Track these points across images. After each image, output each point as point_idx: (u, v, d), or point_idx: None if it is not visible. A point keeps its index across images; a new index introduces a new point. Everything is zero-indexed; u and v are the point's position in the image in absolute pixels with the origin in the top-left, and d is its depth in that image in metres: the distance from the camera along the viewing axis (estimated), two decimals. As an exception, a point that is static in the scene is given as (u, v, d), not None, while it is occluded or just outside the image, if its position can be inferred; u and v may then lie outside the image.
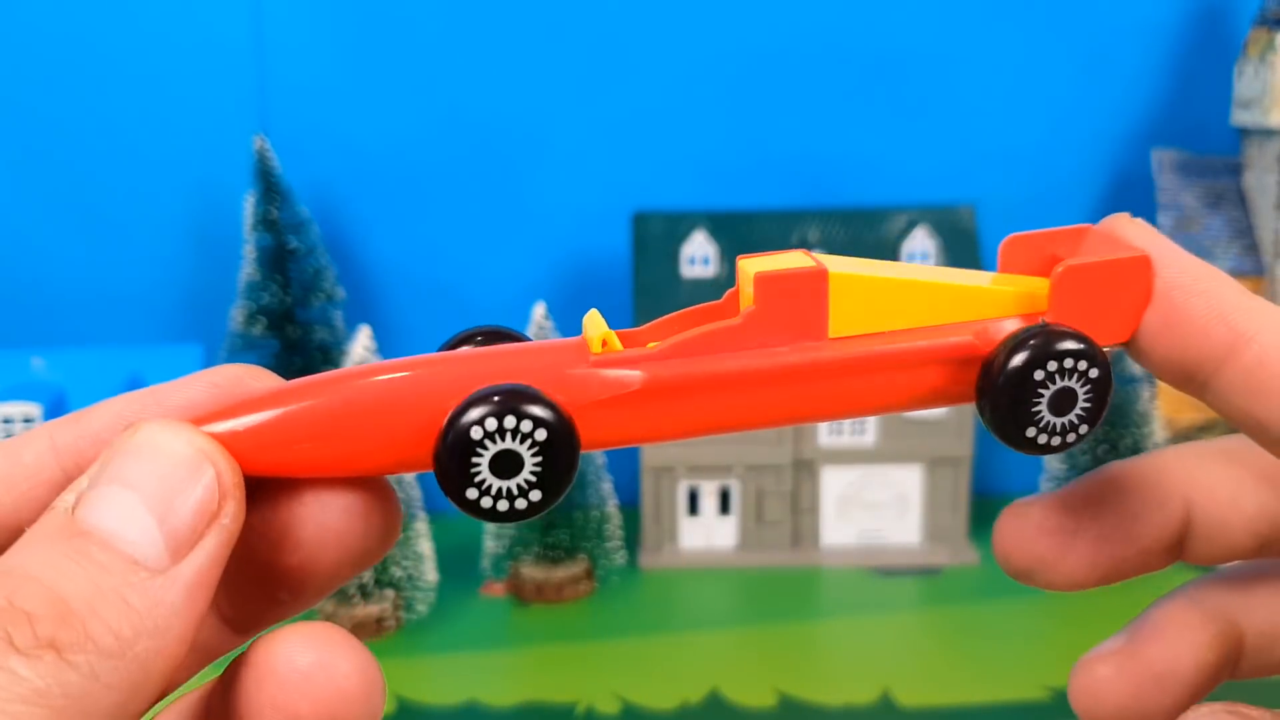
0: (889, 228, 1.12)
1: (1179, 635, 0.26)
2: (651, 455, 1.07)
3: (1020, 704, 0.84)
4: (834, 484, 1.13)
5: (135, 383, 1.05)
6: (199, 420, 0.20)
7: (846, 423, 1.16)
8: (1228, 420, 0.23)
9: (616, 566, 1.03)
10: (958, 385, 0.23)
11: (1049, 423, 0.22)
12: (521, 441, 0.20)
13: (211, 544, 0.18)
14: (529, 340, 0.25)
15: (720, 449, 1.08)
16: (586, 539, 1.01)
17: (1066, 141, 1.17)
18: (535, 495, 0.21)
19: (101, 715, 0.17)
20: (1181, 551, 0.26)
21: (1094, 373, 0.22)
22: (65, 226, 1.14)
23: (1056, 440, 0.23)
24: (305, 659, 0.20)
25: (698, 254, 1.11)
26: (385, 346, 1.02)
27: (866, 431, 1.14)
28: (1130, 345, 0.24)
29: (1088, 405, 0.23)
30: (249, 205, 1.06)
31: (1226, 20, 1.16)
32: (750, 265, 0.23)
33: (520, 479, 0.21)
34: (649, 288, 1.10)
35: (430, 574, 0.97)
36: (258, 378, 0.22)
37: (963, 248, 1.12)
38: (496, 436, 0.20)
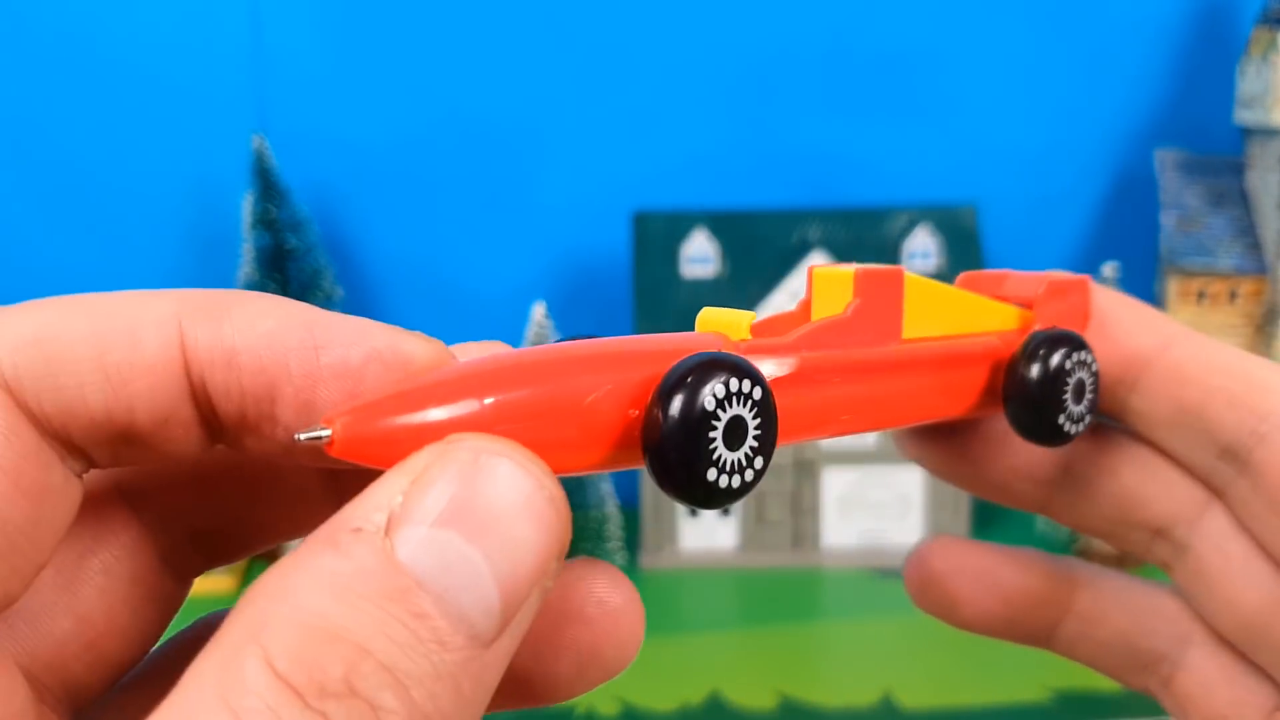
0: (890, 227, 1.12)
1: (1026, 558, 0.31)
2: (651, 455, 1.07)
3: (1022, 705, 0.84)
4: (835, 485, 1.13)
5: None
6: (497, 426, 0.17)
7: (847, 423, 1.15)
8: (1150, 418, 0.27)
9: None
10: (988, 389, 0.27)
11: (1072, 411, 0.26)
12: (746, 405, 0.19)
13: (532, 608, 0.15)
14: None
15: (720, 449, 1.08)
16: (586, 539, 1.01)
17: (1068, 141, 1.17)
18: (759, 463, 0.20)
19: None
20: None
21: (1092, 361, 0.27)
22: (62, 226, 1.14)
23: (1077, 429, 0.27)
24: (615, 599, 0.19)
25: (698, 254, 1.10)
26: (384, 346, 1.02)
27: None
28: None
29: (1092, 397, 0.26)
30: (247, 204, 1.06)
31: (1229, 19, 1.16)
32: (829, 270, 0.25)
33: (745, 448, 0.19)
34: (649, 287, 1.10)
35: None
36: (435, 361, 0.18)
37: (964, 248, 1.12)
38: (727, 403, 0.19)
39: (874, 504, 1.14)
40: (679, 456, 0.18)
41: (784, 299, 1.10)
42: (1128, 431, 0.29)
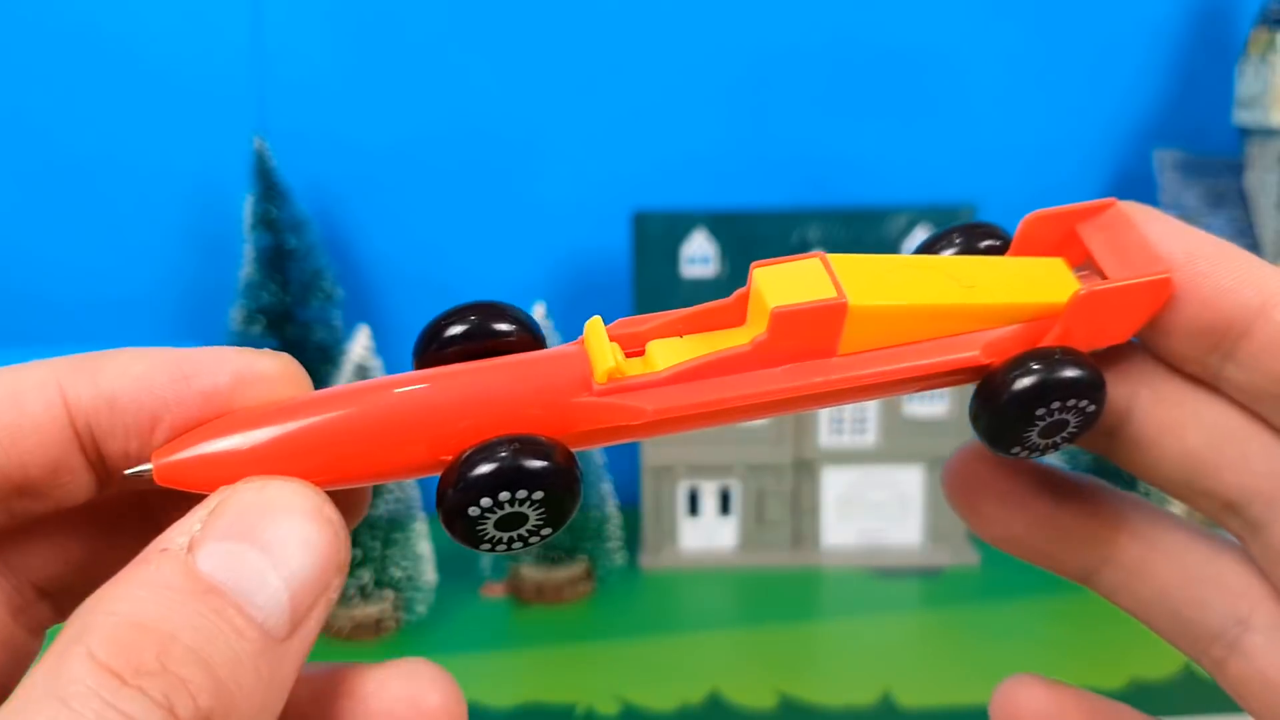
0: (889, 228, 1.12)
1: None
2: (651, 455, 1.07)
3: (1021, 705, 0.84)
4: (834, 484, 1.13)
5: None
6: (290, 459, 0.20)
7: (848, 423, 1.16)
8: (1250, 391, 0.23)
9: (616, 567, 1.03)
10: (962, 381, 0.24)
11: (1035, 444, 0.23)
12: (522, 505, 0.20)
13: (319, 617, 0.18)
14: (525, 322, 0.25)
15: (721, 449, 1.08)
16: (586, 539, 1.01)
17: (1067, 141, 1.17)
18: (546, 531, 0.21)
19: None
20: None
21: (1090, 408, 0.22)
22: (63, 227, 1.14)
23: (1034, 456, 0.23)
24: (432, 700, 0.20)
25: (698, 253, 1.11)
26: (384, 346, 1.02)
27: (867, 432, 1.14)
28: (1141, 331, 0.24)
29: (1074, 431, 0.23)
30: (248, 205, 1.06)
31: (1228, 20, 1.16)
32: (765, 280, 0.22)
33: (526, 527, 0.21)
34: (649, 287, 1.10)
35: (429, 575, 0.97)
36: (296, 380, 0.21)
37: (963, 247, 1.11)
38: (495, 508, 0.20)
39: (874, 504, 1.14)
40: (457, 534, 0.21)
41: (784, 299, 1.10)
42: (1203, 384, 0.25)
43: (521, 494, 0.20)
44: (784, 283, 0.22)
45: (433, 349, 0.23)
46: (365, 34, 1.12)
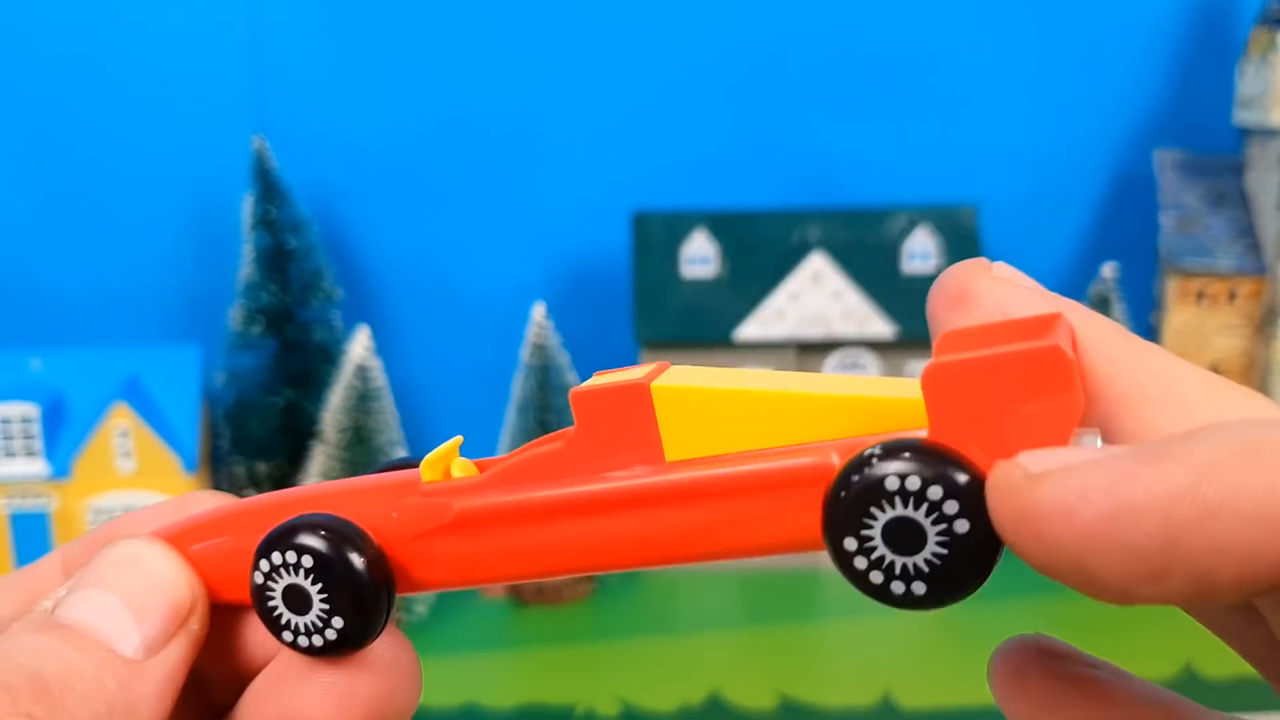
0: (890, 228, 1.12)
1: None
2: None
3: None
4: (834, 485, 1.13)
5: (133, 383, 1.04)
6: (165, 533, 0.22)
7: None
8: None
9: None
10: (809, 511, 0.18)
11: (884, 557, 0.17)
12: (296, 574, 0.20)
13: (182, 645, 0.20)
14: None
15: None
16: (586, 540, 1.01)
17: (1068, 141, 1.17)
18: (338, 624, 0.20)
19: None
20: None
21: (952, 510, 0.17)
22: (64, 226, 1.14)
23: (898, 586, 0.17)
24: (386, 656, 0.21)
25: (698, 254, 1.10)
26: (384, 346, 1.02)
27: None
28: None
29: (945, 551, 0.17)
30: (247, 205, 1.06)
31: (1228, 20, 1.16)
32: (581, 387, 0.20)
33: (315, 615, 0.20)
34: (649, 287, 1.10)
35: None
36: (218, 498, 0.24)
37: (964, 248, 1.12)
38: (276, 574, 0.21)
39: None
40: (261, 617, 0.21)
41: (783, 299, 1.10)
42: None
43: (291, 556, 0.20)
44: (608, 380, 0.20)
45: None
46: (364, 35, 1.12)
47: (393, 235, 1.16)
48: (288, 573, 0.20)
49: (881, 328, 1.09)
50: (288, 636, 0.21)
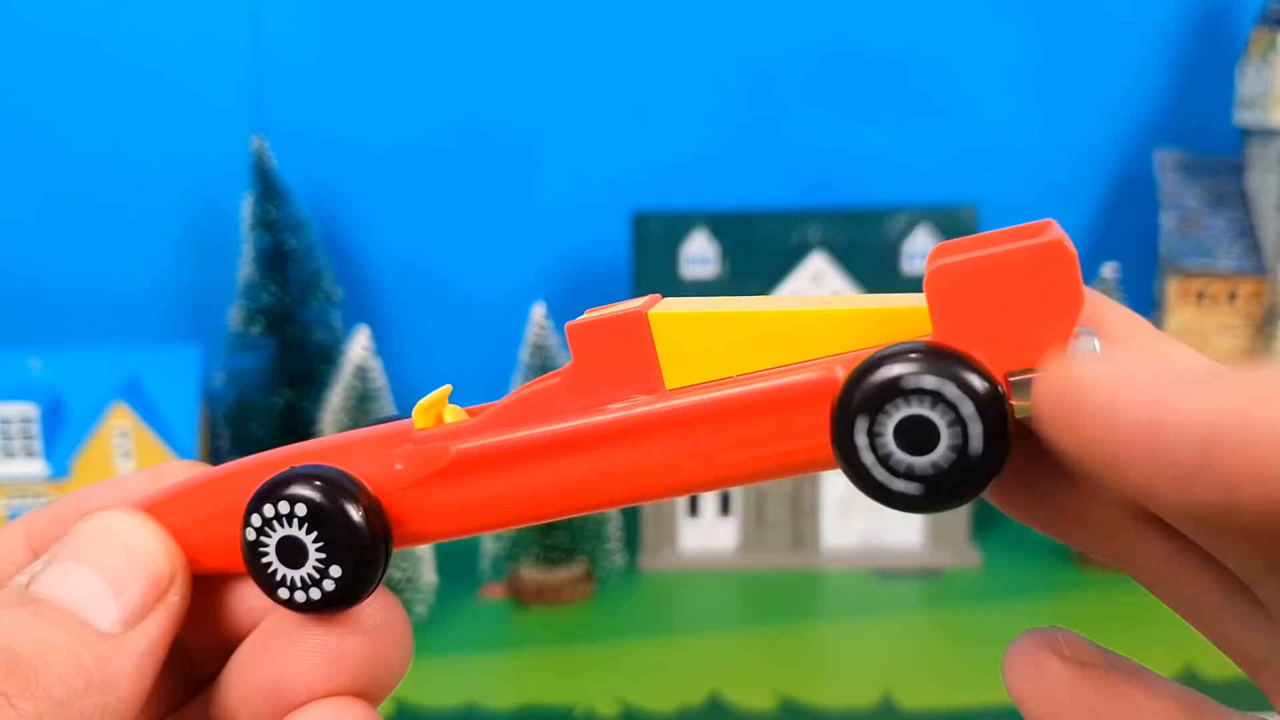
0: (890, 228, 1.12)
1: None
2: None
3: (1022, 706, 0.84)
4: (835, 486, 1.13)
5: (132, 383, 1.05)
6: (140, 504, 0.22)
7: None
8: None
9: (616, 568, 1.02)
10: (818, 434, 0.18)
11: (893, 458, 0.17)
12: (291, 525, 0.20)
13: (161, 618, 0.20)
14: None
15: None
16: (586, 540, 1.01)
17: (1068, 141, 1.17)
18: (335, 574, 0.20)
19: None
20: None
21: (966, 409, 0.17)
22: (63, 226, 1.14)
23: (900, 485, 0.17)
24: (376, 617, 0.21)
25: (698, 254, 1.10)
26: (384, 347, 1.02)
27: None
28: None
29: (957, 449, 0.17)
30: (247, 205, 1.06)
31: (1228, 20, 1.16)
32: (577, 321, 0.20)
33: (311, 566, 0.20)
34: (649, 288, 1.09)
35: (429, 575, 0.97)
36: (191, 467, 0.23)
37: (964, 248, 1.12)
38: (270, 527, 0.20)
39: (873, 505, 1.14)
40: (253, 576, 0.20)
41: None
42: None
43: (284, 508, 0.20)
44: (597, 313, 0.20)
45: None
46: (364, 35, 1.12)
47: (392, 235, 1.16)
48: (282, 524, 0.20)
49: (881, 328, 1.09)
50: (283, 594, 0.20)
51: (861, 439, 0.17)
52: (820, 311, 0.19)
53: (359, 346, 0.98)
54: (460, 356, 1.17)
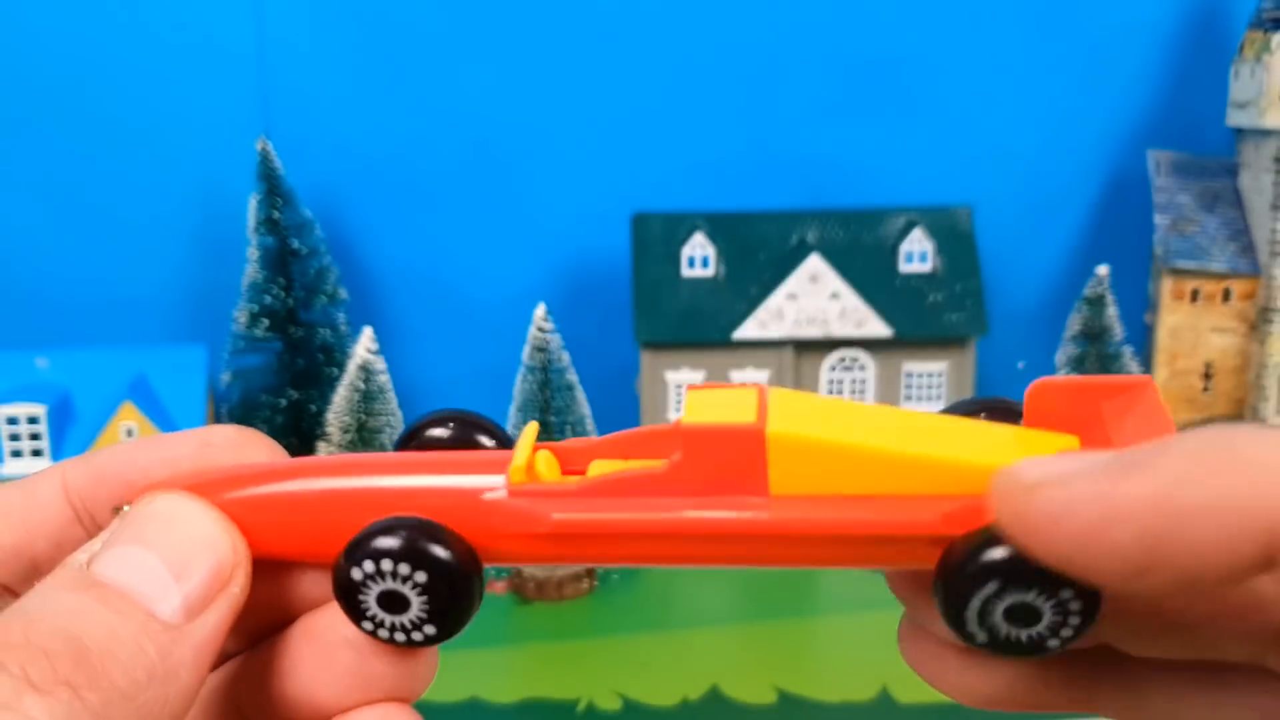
0: (887, 228, 1.13)
1: None
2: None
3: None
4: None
5: (139, 383, 1.05)
6: (203, 487, 0.21)
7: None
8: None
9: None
10: (918, 558, 0.19)
11: (1005, 633, 0.19)
12: (404, 584, 0.20)
13: (222, 608, 0.19)
14: (496, 430, 0.24)
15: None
16: (587, 538, 1.02)
17: (1063, 143, 1.18)
18: (430, 631, 0.21)
19: None
20: None
21: (1074, 605, 0.18)
22: (70, 228, 1.15)
23: (1007, 652, 0.19)
24: None
25: (697, 255, 1.11)
26: (387, 346, 1.03)
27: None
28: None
29: (1053, 630, 0.18)
30: (252, 207, 1.07)
31: (1222, 22, 1.16)
32: (694, 402, 0.20)
33: (410, 616, 0.20)
34: (649, 288, 1.11)
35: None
36: (251, 442, 0.23)
37: (960, 248, 1.13)
38: (377, 578, 0.20)
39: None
40: (342, 605, 0.21)
41: (782, 300, 1.11)
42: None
43: (404, 569, 0.20)
44: (711, 406, 0.20)
45: (411, 445, 0.23)
46: (367, 39, 1.13)
47: (396, 237, 1.17)
48: (393, 580, 0.20)
49: (879, 328, 1.10)
50: (367, 626, 0.21)
51: (973, 613, 0.19)
52: (920, 458, 0.19)
53: (363, 346, 0.99)
54: (463, 356, 1.18)
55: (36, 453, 1.03)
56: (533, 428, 0.22)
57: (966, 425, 0.21)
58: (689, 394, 0.21)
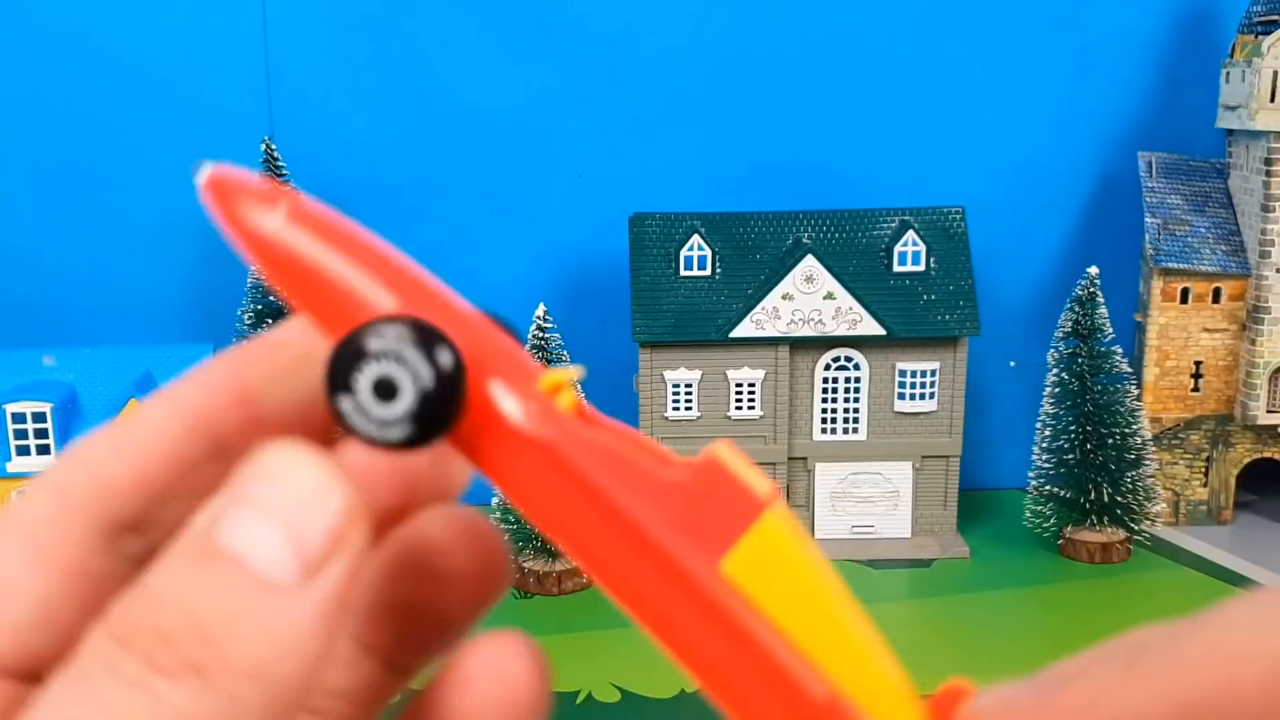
0: (880, 229, 1.14)
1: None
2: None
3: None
4: (827, 479, 1.16)
5: (145, 381, 1.06)
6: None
7: (840, 420, 1.18)
8: None
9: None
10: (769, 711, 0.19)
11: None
12: (402, 366, 0.19)
13: (341, 566, 0.18)
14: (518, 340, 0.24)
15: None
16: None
17: (1054, 144, 1.19)
18: (402, 431, 0.19)
19: None
20: None
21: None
22: (76, 228, 1.16)
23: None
24: (515, 669, 0.20)
25: (695, 255, 1.13)
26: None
27: (859, 429, 1.16)
28: None
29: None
30: (256, 207, 1.08)
31: (1212, 25, 1.18)
32: (723, 452, 0.20)
33: (396, 407, 0.19)
34: (647, 288, 1.12)
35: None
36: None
37: (952, 249, 1.14)
38: (382, 358, 0.19)
39: (864, 498, 1.16)
40: (332, 369, 0.19)
41: (777, 299, 1.13)
42: None
43: (422, 362, 0.19)
44: (743, 463, 0.20)
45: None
46: (371, 43, 1.14)
47: (397, 237, 1.16)
48: (400, 365, 0.19)
49: (872, 327, 1.12)
50: (344, 404, 0.19)
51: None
52: (868, 661, 0.19)
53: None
54: (463, 354, 1.19)
55: (43, 449, 1.04)
56: (578, 370, 0.21)
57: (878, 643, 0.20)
58: (719, 447, 0.20)
